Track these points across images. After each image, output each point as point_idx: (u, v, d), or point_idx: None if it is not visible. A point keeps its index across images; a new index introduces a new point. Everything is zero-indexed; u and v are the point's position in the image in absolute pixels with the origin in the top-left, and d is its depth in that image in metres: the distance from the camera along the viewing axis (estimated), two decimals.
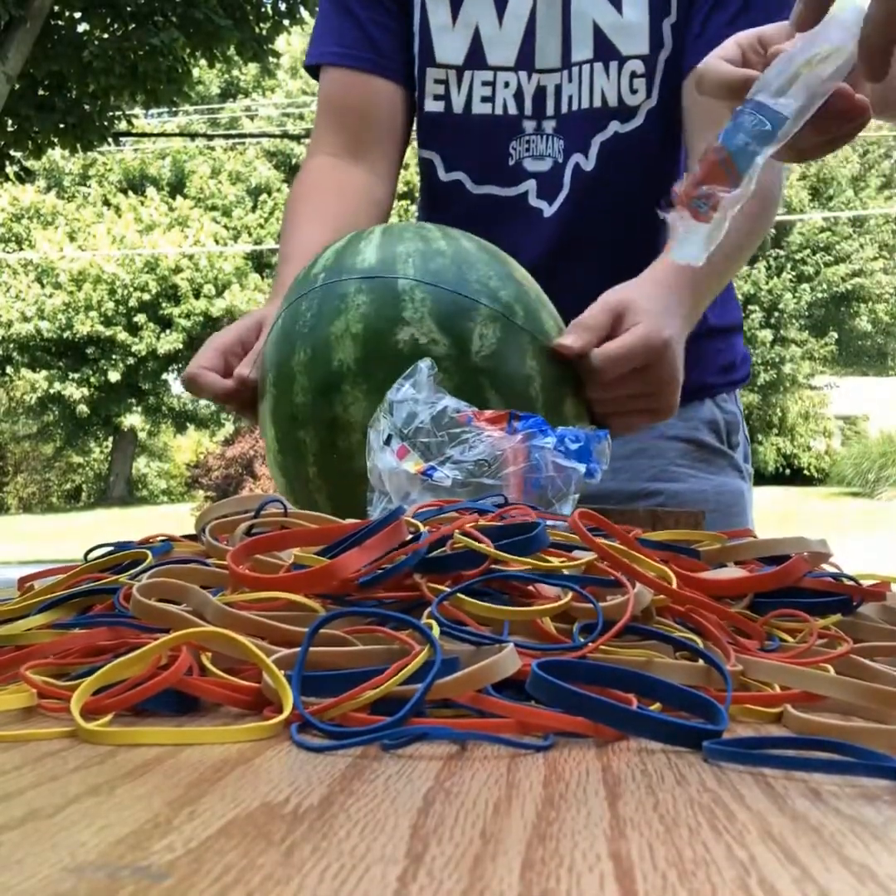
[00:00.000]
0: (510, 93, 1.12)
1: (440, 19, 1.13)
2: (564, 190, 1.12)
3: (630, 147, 1.11)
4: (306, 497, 0.85)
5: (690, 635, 0.54)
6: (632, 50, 1.09)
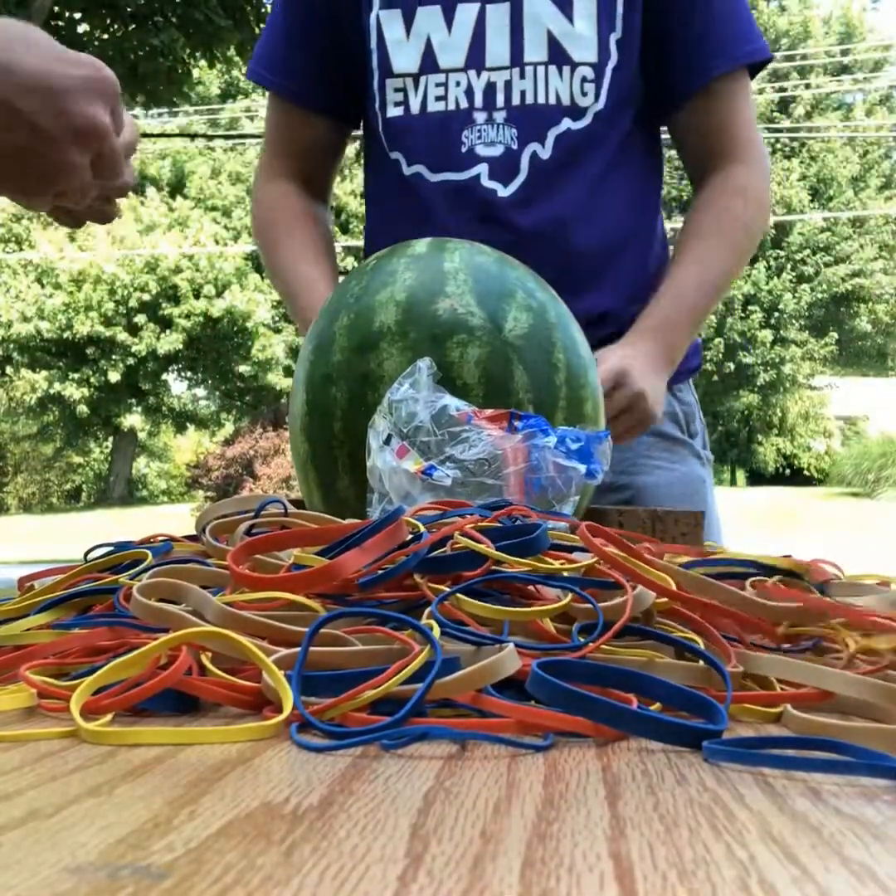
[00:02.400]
0: (461, 90, 1.25)
1: (395, 35, 1.27)
2: (522, 175, 1.23)
3: (583, 143, 1.24)
4: (328, 457, 0.88)
5: (691, 635, 0.54)
6: (582, 57, 1.23)
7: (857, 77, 24.51)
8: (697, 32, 1.25)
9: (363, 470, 0.86)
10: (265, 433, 16.17)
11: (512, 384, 0.85)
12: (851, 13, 24.84)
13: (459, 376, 0.84)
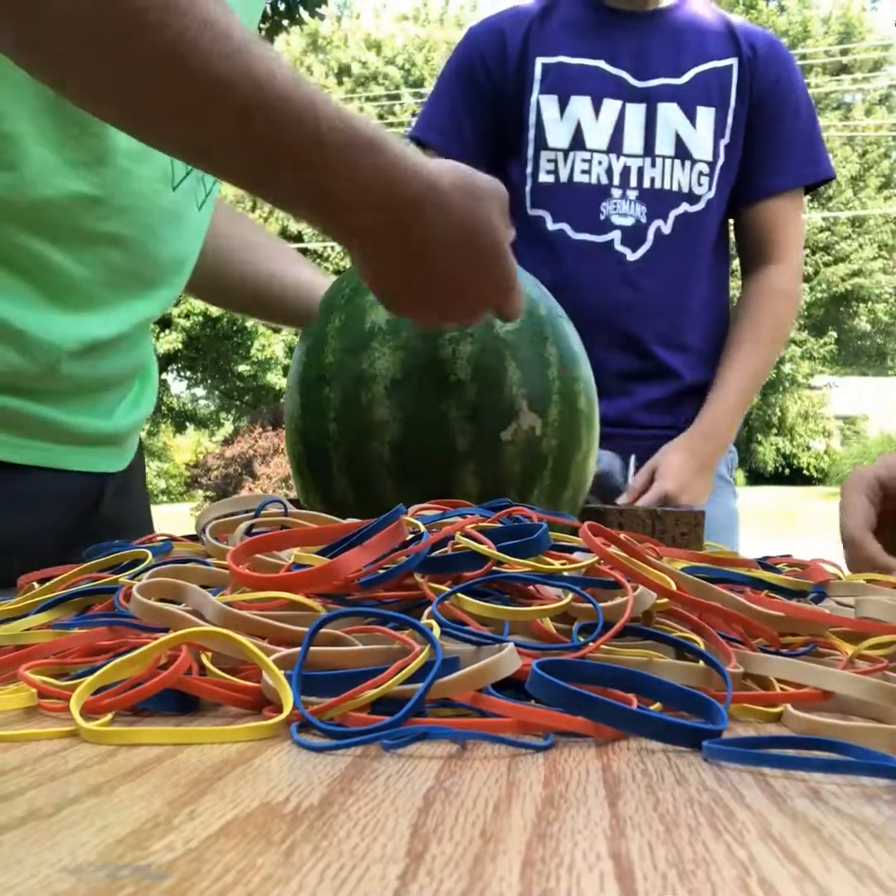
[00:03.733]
0: (603, 168, 1.55)
1: (551, 114, 1.57)
2: (647, 244, 1.55)
3: (696, 223, 1.56)
4: (323, 458, 0.88)
5: (691, 635, 0.54)
6: (700, 156, 1.56)
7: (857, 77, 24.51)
8: (775, 150, 1.58)
9: (360, 471, 0.86)
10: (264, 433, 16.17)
11: (505, 380, 0.85)
12: (851, 13, 24.84)
13: (453, 373, 0.85)
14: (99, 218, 0.87)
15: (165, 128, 0.70)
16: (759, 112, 1.58)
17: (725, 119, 1.56)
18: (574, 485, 0.91)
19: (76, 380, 0.91)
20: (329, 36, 23.65)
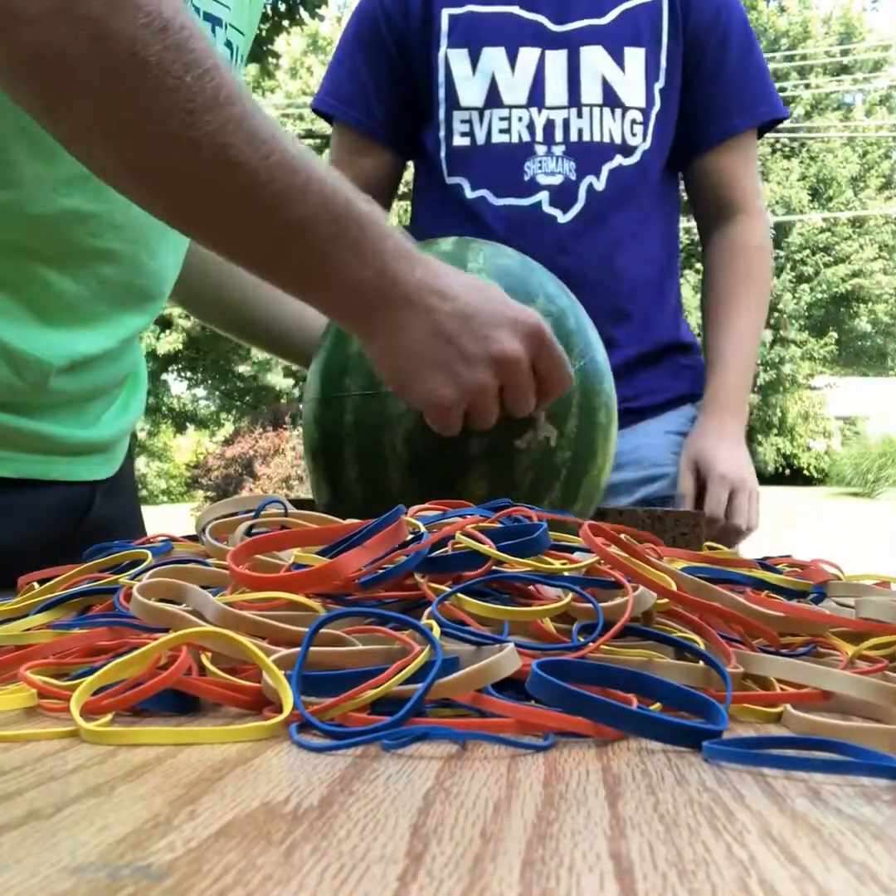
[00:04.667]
0: (523, 125, 1.40)
1: (461, 71, 1.41)
2: (579, 203, 1.39)
3: (633, 178, 1.40)
4: (337, 448, 0.89)
5: (691, 636, 0.54)
6: (631, 102, 1.40)
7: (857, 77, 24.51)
8: (724, 90, 1.44)
9: (371, 462, 0.86)
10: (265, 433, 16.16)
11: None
12: (851, 13, 24.84)
13: None
14: (92, 234, 0.87)
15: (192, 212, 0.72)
16: (698, 50, 1.43)
17: (658, 60, 1.42)
18: (584, 498, 0.90)
19: (64, 393, 0.91)
20: (329, 36, 23.65)
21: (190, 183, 0.69)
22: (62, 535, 0.96)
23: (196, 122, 0.66)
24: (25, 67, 0.65)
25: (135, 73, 0.64)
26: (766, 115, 1.47)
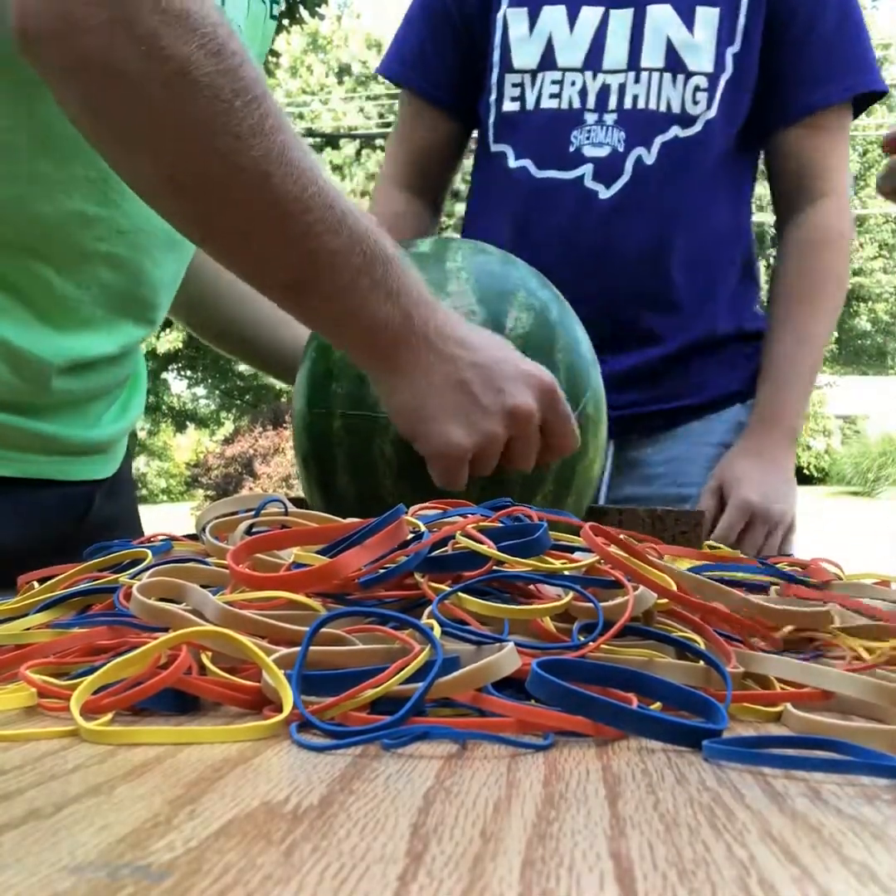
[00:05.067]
0: (575, 90, 1.29)
1: (519, 32, 1.32)
2: (624, 177, 1.27)
3: (689, 151, 1.27)
4: (328, 454, 0.89)
5: (692, 635, 0.54)
6: (697, 67, 1.27)
7: None
8: (814, 55, 1.27)
9: (362, 469, 0.86)
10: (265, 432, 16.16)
11: None
12: None
13: None
14: (96, 238, 0.87)
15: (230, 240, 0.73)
16: (788, 11, 1.26)
17: (735, 22, 1.26)
18: (578, 490, 0.90)
19: (66, 393, 0.91)
20: (329, 35, 23.64)
21: (228, 205, 0.70)
22: (63, 535, 0.96)
23: (242, 147, 0.67)
24: (78, 72, 0.66)
25: (186, 91, 0.66)
26: (861, 87, 1.29)
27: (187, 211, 0.72)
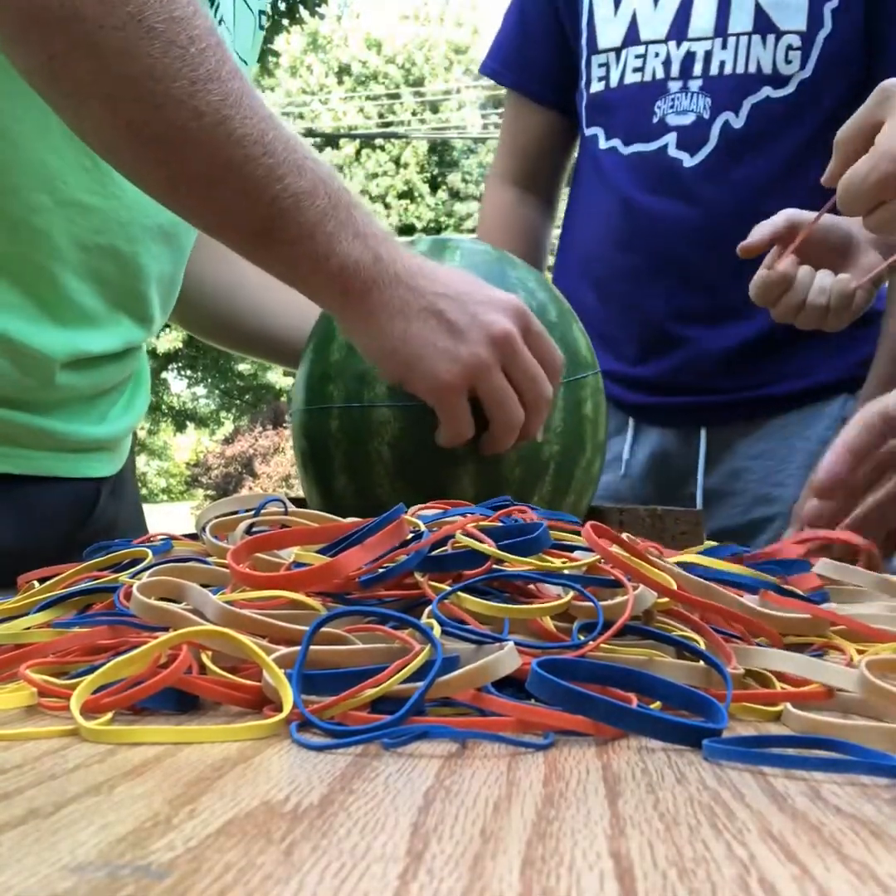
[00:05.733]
0: (659, 61, 1.25)
1: (604, 12, 1.30)
2: (710, 144, 1.21)
3: (784, 113, 1.20)
4: (325, 455, 0.89)
5: (692, 635, 0.54)
6: (790, 25, 1.20)
7: None
8: None
9: (359, 469, 0.86)
10: (265, 431, 16.17)
11: None
12: None
13: None
14: (95, 229, 0.87)
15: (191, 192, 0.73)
16: None
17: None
18: (576, 490, 0.90)
19: (70, 389, 0.91)
20: (329, 35, 23.64)
21: (189, 151, 0.69)
22: (70, 533, 0.96)
23: (199, 90, 0.67)
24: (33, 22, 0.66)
25: (141, 36, 0.66)
26: None
27: (148, 159, 0.71)
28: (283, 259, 0.76)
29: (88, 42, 0.66)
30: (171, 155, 0.70)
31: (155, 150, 0.70)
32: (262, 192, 0.71)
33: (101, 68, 0.67)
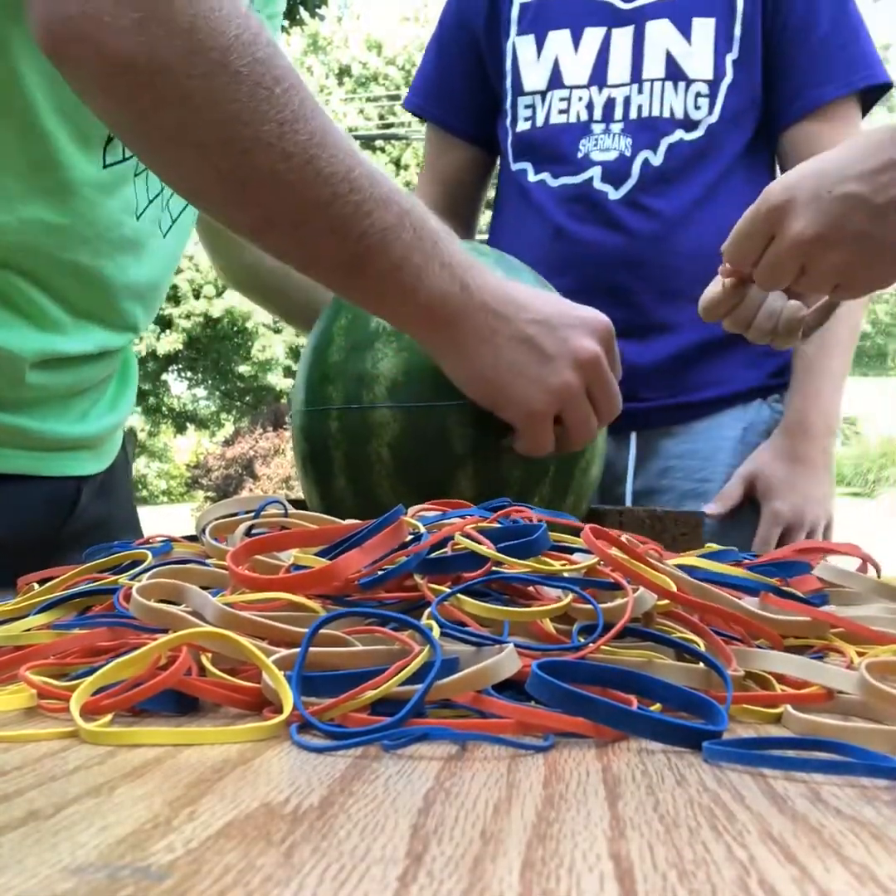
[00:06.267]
0: (583, 105, 1.36)
1: (527, 57, 1.40)
2: (633, 178, 1.32)
3: (695, 153, 1.33)
4: (325, 456, 0.89)
5: (692, 636, 0.54)
6: (697, 74, 1.33)
7: None
8: (811, 55, 1.31)
9: (358, 470, 0.86)
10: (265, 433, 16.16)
11: None
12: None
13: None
14: (60, 247, 0.87)
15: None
16: (782, 14, 1.32)
17: (731, 30, 1.32)
18: (576, 492, 0.90)
19: (42, 389, 0.90)
20: (330, 36, 23.65)
21: (278, 193, 0.69)
22: (49, 531, 0.96)
23: (286, 132, 0.67)
24: (118, 74, 0.66)
25: (228, 81, 0.66)
26: (860, 82, 1.32)
27: (237, 202, 0.71)
28: (371, 293, 0.77)
29: (177, 94, 0.66)
30: (261, 197, 0.70)
31: (244, 194, 0.70)
32: (351, 230, 0.71)
33: (190, 118, 0.67)
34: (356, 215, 0.70)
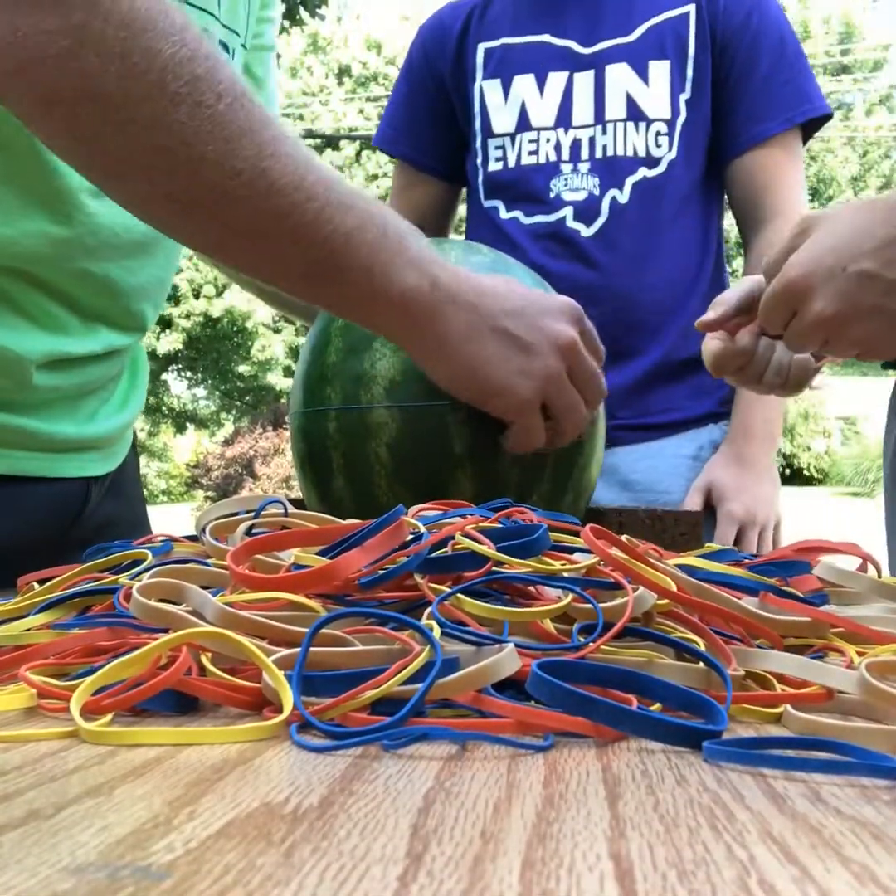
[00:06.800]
0: (551, 146, 1.45)
1: (495, 101, 1.48)
2: (602, 217, 1.42)
3: (657, 189, 1.42)
4: (323, 456, 0.89)
5: (692, 636, 0.54)
6: (656, 114, 1.42)
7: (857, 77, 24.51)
8: (754, 94, 1.42)
9: (357, 470, 0.86)
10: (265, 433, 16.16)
11: None
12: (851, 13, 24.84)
13: None
14: (66, 257, 0.87)
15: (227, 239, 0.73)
16: (728, 57, 1.43)
17: (684, 72, 1.43)
18: (575, 490, 0.90)
19: (50, 390, 0.90)
20: (329, 37, 23.65)
21: (232, 210, 0.69)
22: (58, 532, 0.96)
23: (233, 148, 0.66)
24: (54, 103, 0.64)
25: (167, 104, 0.64)
26: (800, 117, 1.43)
27: (194, 222, 0.71)
28: (342, 297, 0.76)
29: (116, 120, 0.64)
30: (216, 216, 0.69)
31: (199, 214, 0.69)
32: (313, 237, 0.70)
33: (132, 143, 0.65)
34: (316, 222, 0.70)
